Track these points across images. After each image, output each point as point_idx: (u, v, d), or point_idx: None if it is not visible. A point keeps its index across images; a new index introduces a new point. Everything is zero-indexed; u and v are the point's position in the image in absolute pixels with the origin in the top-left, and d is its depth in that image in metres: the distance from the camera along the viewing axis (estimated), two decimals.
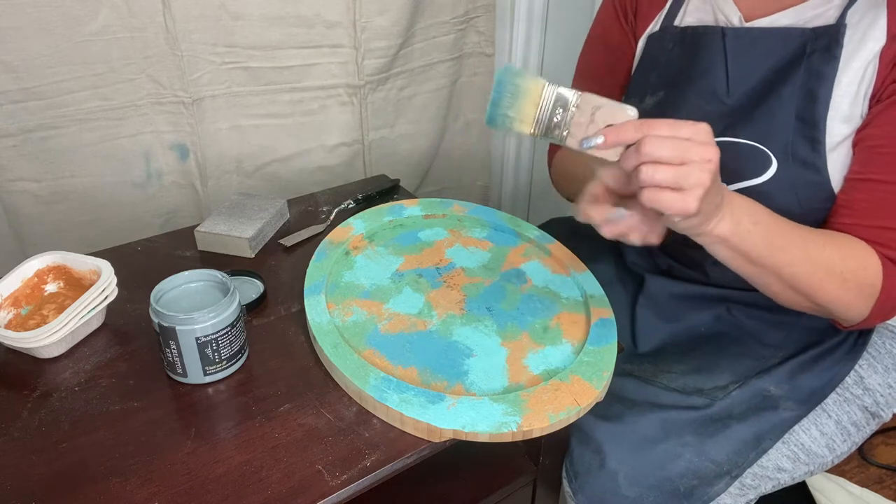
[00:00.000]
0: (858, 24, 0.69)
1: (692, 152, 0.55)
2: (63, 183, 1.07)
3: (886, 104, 0.68)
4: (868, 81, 0.69)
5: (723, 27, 0.77)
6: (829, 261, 0.67)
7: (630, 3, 0.88)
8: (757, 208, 0.66)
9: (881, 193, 0.68)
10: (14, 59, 0.96)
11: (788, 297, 0.70)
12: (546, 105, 0.60)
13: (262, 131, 1.20)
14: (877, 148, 0.69)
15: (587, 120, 0.59)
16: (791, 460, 0.75)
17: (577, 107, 0.59)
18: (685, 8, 0.82)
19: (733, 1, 0.78)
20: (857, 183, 0.70)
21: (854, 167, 0.70)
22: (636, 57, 0.89)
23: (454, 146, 1.47)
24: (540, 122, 0.60)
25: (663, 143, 0.56)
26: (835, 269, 0.67)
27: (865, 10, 0.69)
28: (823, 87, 0.70)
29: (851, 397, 0.79)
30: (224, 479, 0.57)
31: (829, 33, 0.70)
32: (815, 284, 0.67)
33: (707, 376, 0.78)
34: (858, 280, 0.68)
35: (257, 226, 0.88)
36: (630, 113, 0.59)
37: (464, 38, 1.34)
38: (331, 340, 0.67)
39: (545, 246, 0.84)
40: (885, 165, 0.68)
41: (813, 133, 0.71)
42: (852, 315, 0.70)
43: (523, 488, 0.79)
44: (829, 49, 0.70)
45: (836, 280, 0.67)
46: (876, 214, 0.69)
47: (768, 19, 0.75)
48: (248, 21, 1.09)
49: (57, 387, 0.66)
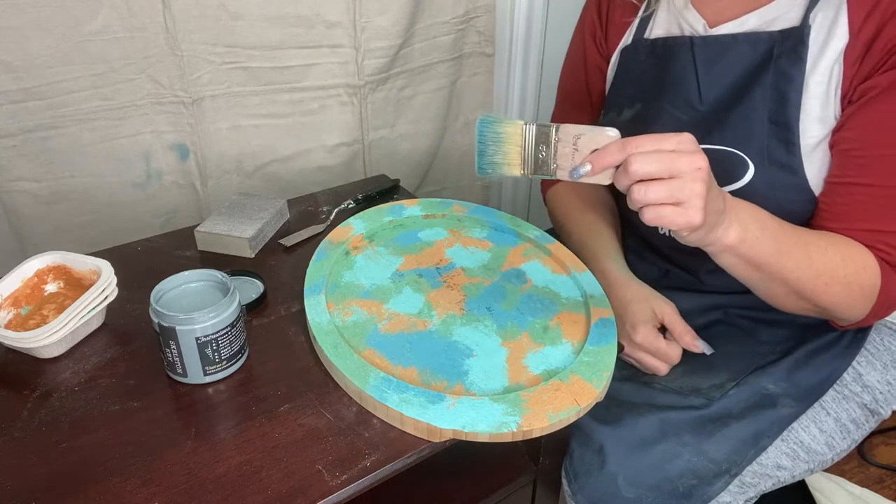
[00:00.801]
0: (822, 23, 0.69)
1: (680, 163, 0.55)
2: (63, 183, 1.07)
3: (857, 106, 0.68)
4: (836, 81, 0.69)
5: (690, 36, 0.78)
6: (831, 264, 0.67)
7: (600, 22, 0.90)
8: (761, 213, 0.65)
9: (860, 196, 0.69)
10: (14, 59, 0.96)
11: (790, 303, 0.70)
12: (528, 144, 0.61)
13: (262, 131, 1.20)
14: (851, 151, 0.69)
15: (571, 150, 0.60)
16: (791, 458, 0.76)
17: (559, 139, 0.60)
18: (654, 21, 0.83)
19: (696, 9, 0.78)
20: (836, 186, 0.70)
21: (832, 170, 0.71)
22: (611, 71, 0.90)
23: (454, 146, 1.47)
24: (527, 161, 0.61)
25: (649, 159, 0.55)
26: (837, 273, 0.67)
27: (827, 9, 0.69)
28: (793, 89, 0.70)
29: (850, 394, 0.79)
30: (224, 479, 0.57)
31: (795, 35, 0.70)
32: (820, 289, 0.67)
33: (704, 376, 0.78)
34: (861, 282, 0.68)
35: (257, 226, 0.88)
36: (611, 134, 0.59)
37: (464, 38, 1.34)
38: (331, 340, 0.67)
39: (545, 246, 0.84)
40: (861, 168, 0.68)
41: (787, 135, 0.71)
42: (852, 315, 0.70)
43: (523, 488, 0.79)
44: (795, 50, 0.70)
45: (840, 283, 0.67)
46: (858, 217, 0.69)
47: (733, 24, 0.75)
48: (248, 21, 1.09)
49: (57, 387, 0.66)
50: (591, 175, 0.59)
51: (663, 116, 0.80)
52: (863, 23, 0.67)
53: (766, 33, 0.72)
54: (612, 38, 0.89)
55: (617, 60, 0.88)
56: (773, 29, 0.72)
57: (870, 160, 0.68)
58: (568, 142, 0.60)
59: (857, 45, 0.67)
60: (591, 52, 0.92)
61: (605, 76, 0.92)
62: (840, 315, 0.70)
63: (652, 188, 0.55)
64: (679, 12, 0.79)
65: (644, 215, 0.57)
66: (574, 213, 0.94)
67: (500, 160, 0.62)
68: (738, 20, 0.75)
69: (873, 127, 0.67)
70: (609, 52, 0.90)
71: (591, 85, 0.94)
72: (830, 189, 0.71)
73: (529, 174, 0.62)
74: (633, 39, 0.85)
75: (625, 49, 0.87)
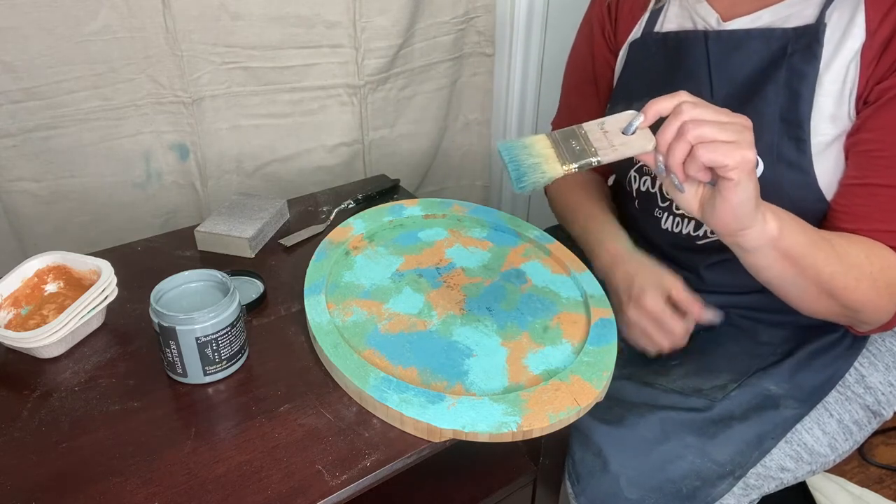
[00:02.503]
0: (838, 22, 0.69)
1: (728, 115, 0.57)
2: (63, 183, 1.07)
3: (876, 107, 0.67)
4: (852, 81, 0.68)
5: (704, 30, 0.77)
6: (857, 260, 0.66)
7: (609, 16, 0.89)
8: (781, 210, 0.64)
9: (882, 197, 0.68)
10: (14, 59, 0.96)
11: (821, 304, 0.69)
12: (559, 143, 0.62)
13: (262, 131, 1.20)
14: (872, 152, 0.68)
15: (601, 134, 0.61)
16: (794, 460, 0.75)
17: (586, 131, 0.62)
18: (665, 14, 0.83)
19: (708, 3, 0.78)
20: (856, 188, 0.70)
21: (850, 172, 0.70)
22: (619, 65, 0.90)
23: (454, 146, 1.47)
24: (563, 156, 0.61)
25: (701, 105, 0.57)
26: (864, 269, 0.66)
27: (843, 7, 0.69)
28: (806, 87, 0.70)
29: (853, 396, 0.79)
30: (224, 479, 0.57)
31: (810, 32, 0.70)
32: (852, 284, 0.66)
33: (706, 377, 0.78)
34: (887, 280, 0.67)
35: (257, 226, 0.88)
36: (632, 112, 0.60)
37: (464, 38, 1.34)
38: (331, 340, 0.67)
39: (545, 246, 0.84)
40: (883, 169, 0.68)
41: (797, 133, 0.71)
42: (878, 317, 0.69)
43: (523, 488, 0.79)
44: (809, 48, 0.70)
45: (868, 280, 0.66)
46: (879, 218, 0.68)
47: (747, 18, 0.75)
48: (248, 21, 1.09)
49: (57, 387, 0.66)
50: (644, 126, 0.60)
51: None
52: (880, 22, 0.66)
53: (781, 30, 0.72)
54: (621, 31, 0.88)
55: (625, 54, 0.88)
56: (787, 26, 0.72)
57: (892, 161, 0.67)
58: (595, 131, 0.61)
59: (874, 44, 0.67)
60: (600, 45, 0.91)
61: (614, 69, 0.91)
62: (867, 316, 0.69)
63: (707, 125, 0.56)
64: (692, 6, 0.79)
65: (698, 152, 0.56)
66: (575, 201, 0.94)
67: (538, 160, 0.61)
68: (751, 16, 0.74)
69: (894, 128, 0.67)
70: (618, 46, 0.89)
71: (599, 78, 0.93)
72: (848, 191, 0.70)
73: (573, 166, 0.61)
74: (642, 33, 0.85)
75: (633, 43, 0.86)
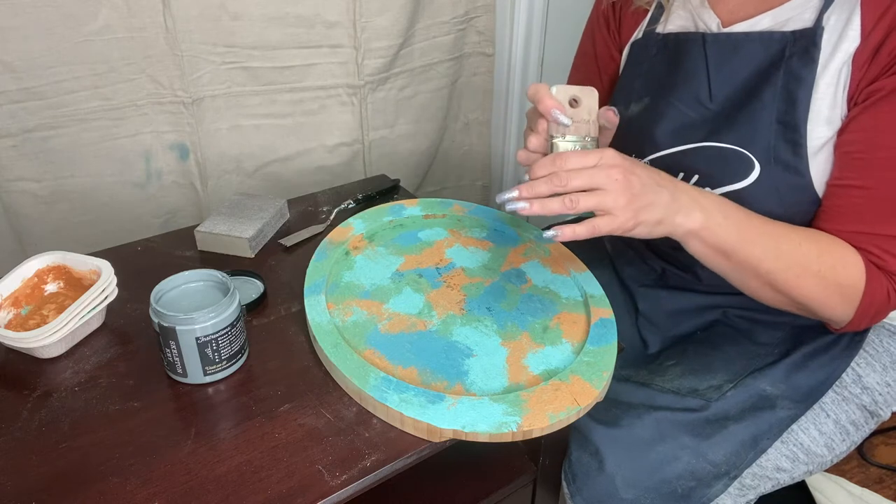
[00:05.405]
0: (835, 25, 0.69)
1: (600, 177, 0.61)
2: (63, 183, 1.07)
3: (860, 108, 0.68)
4: (844, 83, 0.69)
5: (703, 33, 0.78)
6: (804, 258, 0.68)
7: (614, 14, 0.90)
8: (727, 204, 0.67)
9: (857, 199, 0.69)
10: (14, 59, 0.96)
11: (769, 296, 0.71)
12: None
13: (262, 131, 1.20)
14: (851, 153, 0.69)
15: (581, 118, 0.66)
16: (790, 460, 0.75)
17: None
18: (667, 15, 0.83)
19: (711, 8, 0.78)
20: (836, 189, 0.71)
21: (834, 172, 0.71)
22: (622, 64, 0.90)
23: (454, 146, 1.47)
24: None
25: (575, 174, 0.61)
26: (811, 266, 0.68)
27: (841, 11, 0.69)
28: (803, 91, 0.70)
29: (850, 396, 0.79)
30: (224, 479, 0.57)
31: (807, 36, 0.70)
32: (792, 281, 0.68)
33: (702, 377, 0.78)
34: (837, 279, 0.68)
35: (257, 226, 0.88)
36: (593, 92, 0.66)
37: (464, 38, 1.34)
38: (331, 340, 0.67)
39: (545, 246, 0.84)
40: (860, 170, 0.68)
41: (794, 136, 0.71)
42: (834, 316, 0.71)
43: (523, 489, 0.79)
44: (807, 52, 0.70)
45: (812, 277, 0.68)
46: (853, 219, 0.69)
47: (746, 23, 0.75)
48: (248, 21, 1.09)
49: (57, 387, 0.66)
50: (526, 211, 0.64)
51: (671, 112, 0.79)
52: (874, 26, 0.67)
53: (779, 33, 0.72)
54: (625, 31, 0.89)
55: (627, 54, 0.88)
56: (786, 29, 0.72)
57: (870, 162, 0.68)
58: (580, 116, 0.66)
59: (867, 47, 0.67)
60: (606, 40, 0.92)
61: (619, 66, 0.92)
62: (822, 313, 0.71)
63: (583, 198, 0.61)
64: (695, 10, 0.80)
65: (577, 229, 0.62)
66: None
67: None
68: (752, 20, 0.75)
69: (876, 130, 0.67)
70: (622, 44, 0.90)
71: (604, 73, 0.94)
72: (831, 191, 0.71)
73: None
74: (643, 34, 0.85)
75: (635, 43, 0.87)
